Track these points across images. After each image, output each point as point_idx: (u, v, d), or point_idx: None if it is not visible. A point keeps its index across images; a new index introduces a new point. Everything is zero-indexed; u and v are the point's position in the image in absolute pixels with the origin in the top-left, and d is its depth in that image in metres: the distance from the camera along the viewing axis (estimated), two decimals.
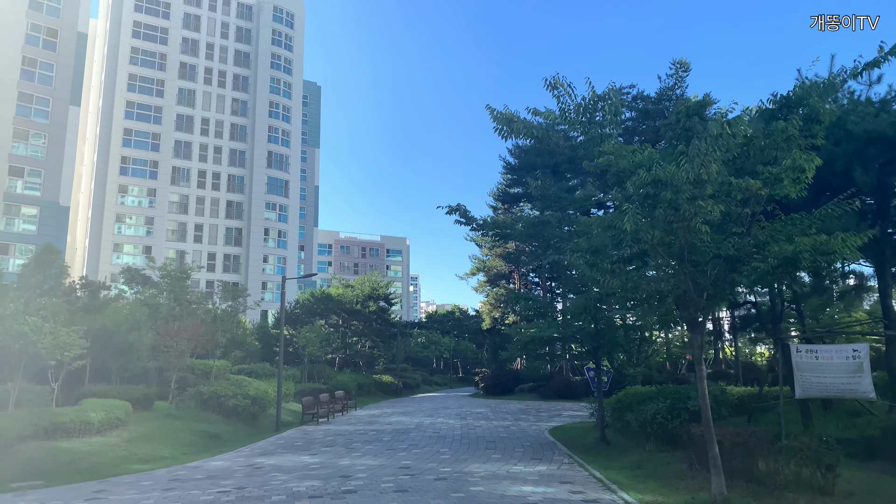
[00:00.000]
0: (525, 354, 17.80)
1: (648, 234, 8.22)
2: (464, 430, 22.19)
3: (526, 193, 50.54)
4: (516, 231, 18.25)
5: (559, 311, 17.46)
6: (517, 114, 11.13)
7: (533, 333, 15.33)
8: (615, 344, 17.63)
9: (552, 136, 11.55)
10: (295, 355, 49.29)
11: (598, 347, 17.50)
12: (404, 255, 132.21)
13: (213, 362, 29.98)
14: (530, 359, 59.18)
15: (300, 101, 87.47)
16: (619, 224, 8.54)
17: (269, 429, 24.94)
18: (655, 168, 8.22)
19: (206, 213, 75.31)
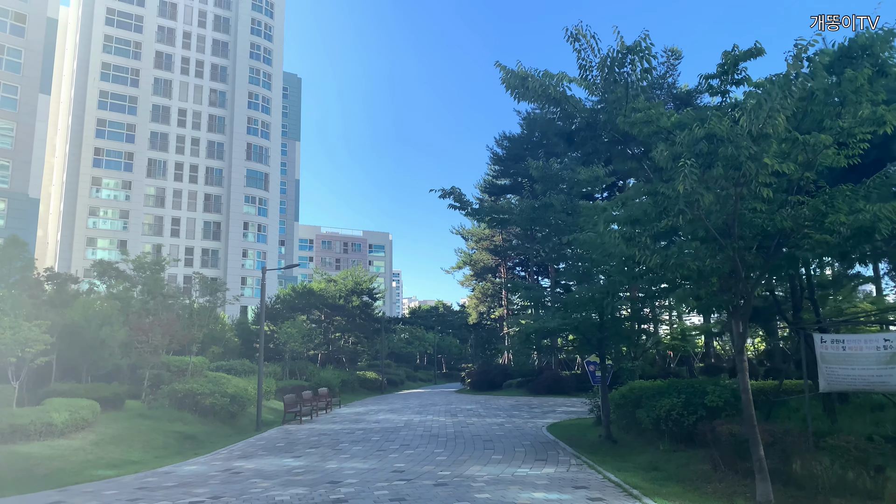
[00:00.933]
0: (529, 347, 16.43)
1: (702, 197, 7.03)
2: (457, 429, 20.96)
3: (514, 185, 49.39)
4: (514, 216, 17.01)
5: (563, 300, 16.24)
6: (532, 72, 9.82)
7: (536, 325, 14.12)
8: (621, 336, 16.51)
9: (569, 99, 10.30)
10: (276, 351, 47.75)
11: (602, 340, 16.36)
12: (387, 251, 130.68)
13: (190, 359, 28.46)
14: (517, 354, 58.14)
15: (280, 93, 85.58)
16: (664, 190, 7.35)
17: (249, 428, 23.53)
18: (711, 122, 7.05)
19: (183, 206, 73.30)
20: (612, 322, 15.82)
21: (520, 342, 15.88)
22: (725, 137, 6.89)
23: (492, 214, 17.21)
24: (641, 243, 8.07)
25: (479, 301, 60.06)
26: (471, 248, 59.76)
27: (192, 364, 29.69)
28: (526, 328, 14.31)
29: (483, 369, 49.48)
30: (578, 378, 41.98)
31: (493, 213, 17.13)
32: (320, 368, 47.79)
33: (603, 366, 16.94)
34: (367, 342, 59.92)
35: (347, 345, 57.65)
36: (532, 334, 14.67)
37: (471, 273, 59.89)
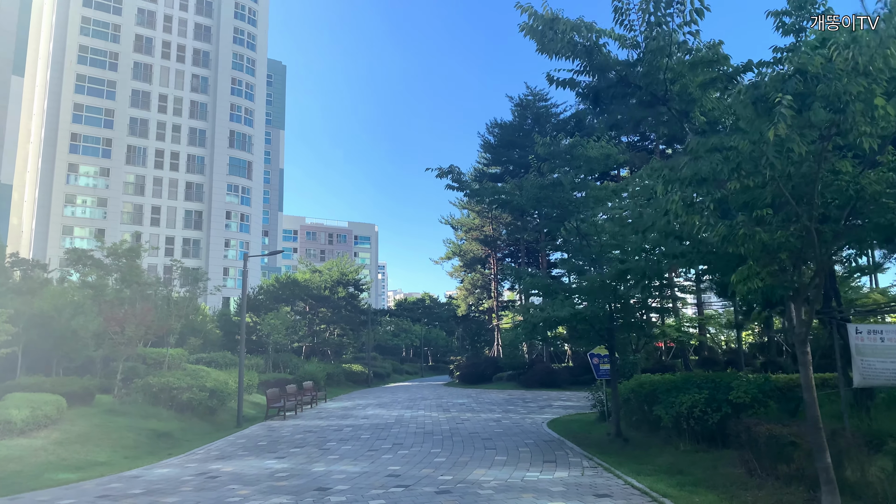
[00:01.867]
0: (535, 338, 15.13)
1: (795, 145, 5.76)
2: (451, 425, 19.69)
3: (505, 172, 48.09)
4: (517, 196, 15.70)
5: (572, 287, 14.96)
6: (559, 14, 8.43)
7: (544, 314, 12.84)
8: (633, 326, 15.28)
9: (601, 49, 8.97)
10: (259, 344, 46.26)
11: (612, 330, 15.12)
12: (373, 242, 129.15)
13: (167, 351, 26.92)
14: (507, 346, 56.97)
15: (264, 79, 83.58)
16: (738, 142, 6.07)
17: (230, 425, 22.11)
18: (801, 56, 5.80)
19: (163, 194, 71.29)
20: (624, 310, 14.57)
21: (525, 333, 14.57)
22: (821, 74, 5.65)
23: (493, 195, 15.88)
24: (705, 209, 6.79)
25: (468, 292, 58.80)
26: (460, 238, 58.44)
27: (170, 356, 28.18)
28: (532, 318, 13.03)
29: (472, 362, 48.29)
30: (571, 371, 40.93)
31: (494, 193, 15.80)
32: (305, 361, 46.38)
33: (612, 358, 15.70)
34: (352, 334, 58.54)
35: (333, 337, 56.24)
36: (539, 324, 13.40)
37: (460, 264, 58.58)
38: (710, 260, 9.14)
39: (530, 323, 13.49)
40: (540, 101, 46.48)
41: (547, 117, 45.83)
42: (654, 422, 15.31)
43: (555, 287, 14.96)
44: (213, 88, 75.70)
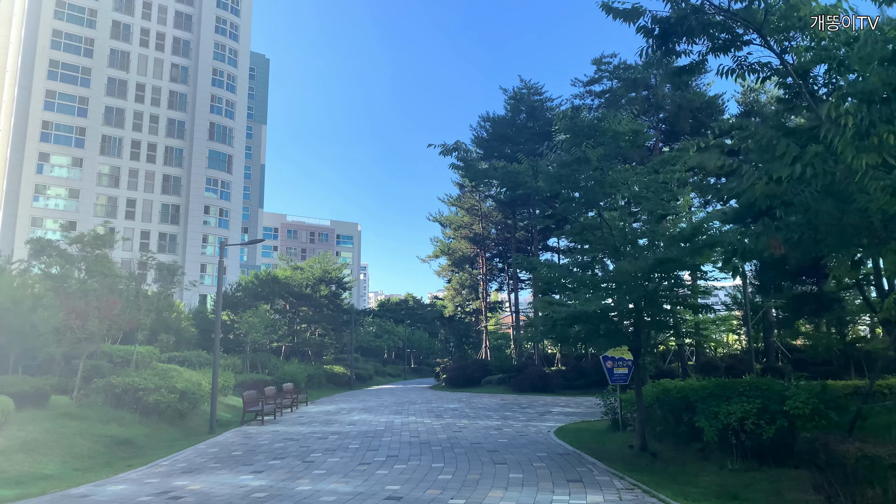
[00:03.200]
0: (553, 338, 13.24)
1: None
2: (448, 434, 17.80)
3: None
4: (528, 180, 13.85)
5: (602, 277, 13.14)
6: None
7: (568, 309, 10.99)
8: (660, 325, 13.51)
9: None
10: (236, 343, 44.03)
11: (638, 329, 13.35)
12: (355, 242, 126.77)
13: (135, 348, 24.71)
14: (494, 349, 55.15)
15: (247, 71, 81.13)
16: None
17: (202, 430, 20.01)
18: None
19: (139, 187, 68.54)
20: (653, 306, 12.77)
21: (543, 332, 12.70)
22: None
23: (505, 176, 14.02)
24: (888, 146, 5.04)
25: (455, 292, 56.93)
26: (448, 236, 56.56)
27: (139, 354, 26.00)
28: (555, 313, 11.19)
29: (460, 364, 46.41)
30: (564, 375, 39.27)
31: (506, 174, 13.94)
32: (284, 362, 44.22)
33: (637, 361, 13.88)
34: (334, 334, 56.36)
35: (314, 337, 54.06)
36: (560, 322, 11.56)
37: (448, 262, 56.70)
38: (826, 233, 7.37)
39: (551, 320, 11.67)
40: (534, 94, 44.79)
41: (542, 111, 44.13)
42: (685, 434, 13.59)
43: (577, 279, 13.14)
44: (193, 79, 73.16)
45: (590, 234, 14.11)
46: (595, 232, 13.89)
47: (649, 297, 12.19)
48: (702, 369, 36.17)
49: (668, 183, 13.95)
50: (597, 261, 13.95)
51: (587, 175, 12.62)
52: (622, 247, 13.34)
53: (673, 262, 11.56)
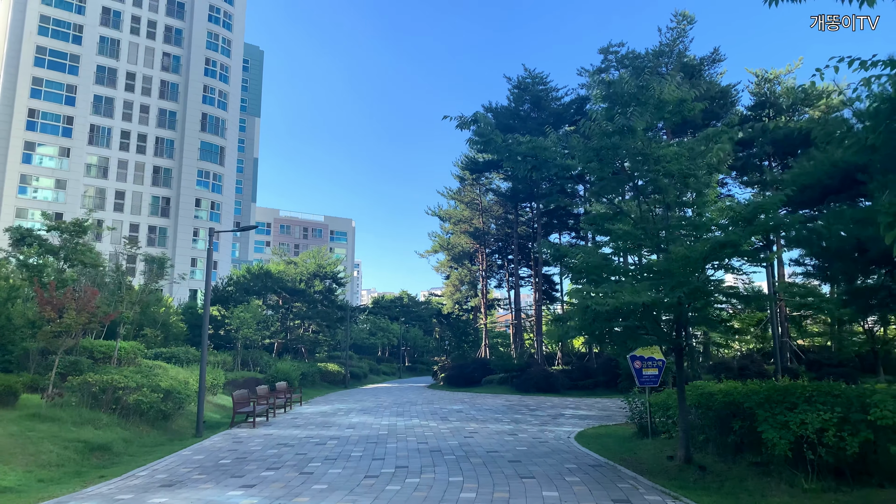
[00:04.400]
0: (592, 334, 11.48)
1: None
2: (459, 440, 16.18)
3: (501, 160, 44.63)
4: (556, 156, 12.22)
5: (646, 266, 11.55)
6: None
7: (617, 300, 9.33)
8: (708, 320, 11.90)
9: None
10: (227, 339, 42.29)
11: (681, 325, 11.77)
12: (349, 238, 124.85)
13: (117, 343, 22.96)
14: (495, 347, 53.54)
15: (240, 61, 79.18)
16: None
17: (188, 433, 18.33)
18: None
19: (129, 178, 66.57)
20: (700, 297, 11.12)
21: (578, 327, 11.03)
22: None
23: (531, 151, 12.38)
24: None
25: (454, 289, 55.31)
26: (447, 231, 54.90)
27: (122, 350, 24.26)
28: (597, 305, 9.49)
29: (459, 363, 44.78)
30: (569, 375, 37.78)
31: (533, 148, 12.29)
32: (277, 359, 42.52)
33: (680, 361, 12.26)
34: (328, 331, 54.63)
35: (308, 333, 52.33)
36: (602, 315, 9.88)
37: (447, 258, 55.04)
38: None
39: (592, 313, 10.05)
40: (539, 84, 43.12)
41: (547, 101, 42.51)
42: (733, 444, 12.01)
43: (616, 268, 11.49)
44: (185, 68, 71.23)
45: (624, 218, 12.49)
46: (630, 216, 12.27)
47: (700, 287, 10.59)
48: (713, 370, 34.68)
49: (712, 164, 12.40)
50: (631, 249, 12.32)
51: (631, 149, 11.00)
52: (666, 231, 11.74)
53: (733, 246, 9.99)
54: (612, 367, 36.57)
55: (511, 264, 53.01)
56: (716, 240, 9.58)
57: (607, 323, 10.78)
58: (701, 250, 9.73)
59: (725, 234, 9.67)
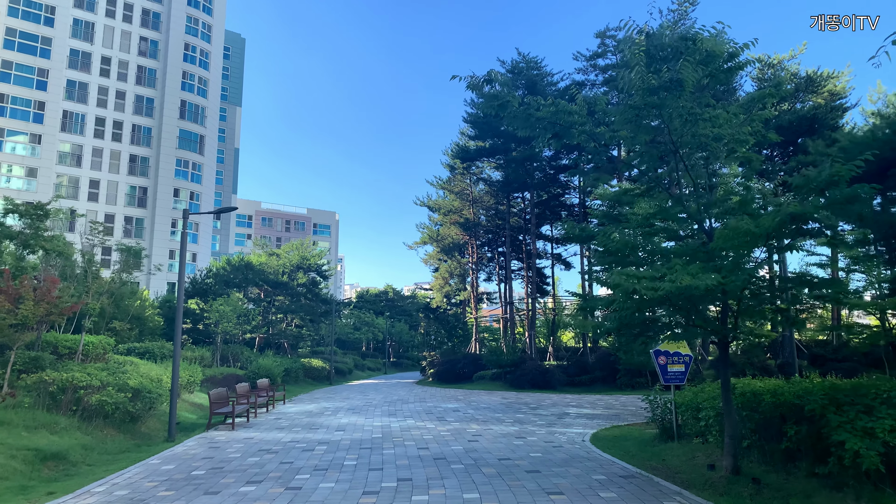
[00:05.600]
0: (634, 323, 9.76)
1: None
2: (464, 444, 14.49)
3: (493, 147, 43.01)
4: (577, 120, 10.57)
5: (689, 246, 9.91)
6: None
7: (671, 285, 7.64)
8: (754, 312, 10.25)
9: None
10: (206, 333, 40.28)
11: (726, 314, 10.15)
12: (333, 231, 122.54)
13: (82, 337, 20.96)
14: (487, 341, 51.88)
15: (221, 47, 76.73)
16: None
17: (159, 437, 16.48)
18: None
19: (104, 167, 64.02)
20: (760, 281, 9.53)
21: (615, 317, 9.32)
22: None
23: (554, 116, 10.68)
24: None
25: (443, 281, 53.59)
26: (436, 222, 53.12)
27: (90, 345, 22.24)
28: (645, 291, 7.74)
29: (449, 359, 43.12)
30: (566, 370, 36.29)
31: (556, 113, 10.62)
32: (258, 354, 40.55)
33: (724, 357, 10.65)
34: (312, 326, 52.65)
35: (290, 328, 50.34)
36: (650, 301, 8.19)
37: (436, 250, 53.28)
38: None
39: (634, 302, 8.36)
40: (533, 69, 41.47)
41: (542, 86, 40.87)
42: (785, 452, 10.45)
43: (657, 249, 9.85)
44: (163, 53, 68.72)
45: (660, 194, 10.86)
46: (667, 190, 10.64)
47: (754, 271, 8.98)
48: (713, 366, 33.41)
49: (758, 131, 10.84)
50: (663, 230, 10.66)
51: (678, 107, 9.34)
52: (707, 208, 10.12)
53: (805, 220, 8.39)
54: (609, 363, 35.17)
55: (502, 257, 51.42)
56: (787, 211, 7.97)
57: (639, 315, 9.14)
58: (768, 224, 8.12)
59: (798, 204, 8.07)
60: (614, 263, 10.37)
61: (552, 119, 11.27)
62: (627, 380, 33.38)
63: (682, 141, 9.86)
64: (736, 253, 8.78)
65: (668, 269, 8.48)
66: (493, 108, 11.82)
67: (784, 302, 9.77)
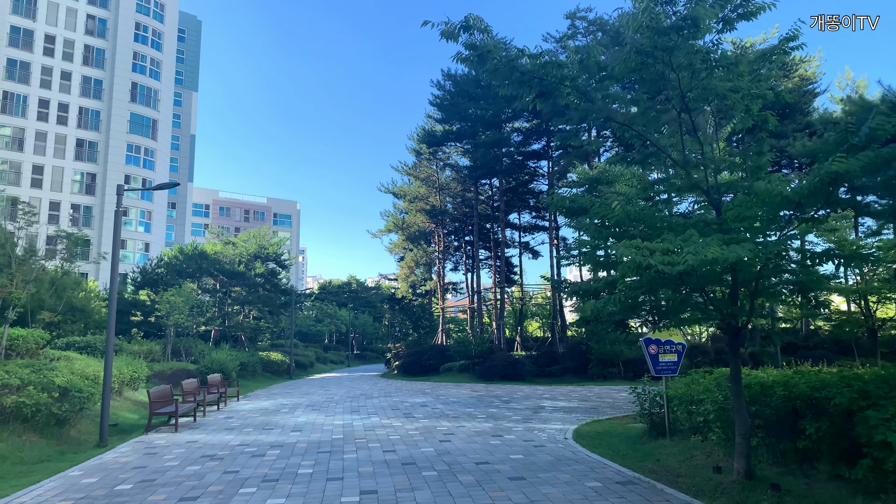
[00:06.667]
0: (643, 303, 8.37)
1: None
2: (435, 445, 12.98)
3: (461, 131, 41.45)
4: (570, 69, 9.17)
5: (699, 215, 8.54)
6: None
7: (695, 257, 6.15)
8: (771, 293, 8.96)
9: None
10: (157, 326, 37.98)
11: (736, 293, 8.81)
12: (294, 222, 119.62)
13: (4, 330, 18.78)
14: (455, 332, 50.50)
15: (175, 28, 73.54)
16: None
17: (89, 443, 14.58)
18: None
19: (48, 152, 60.68)
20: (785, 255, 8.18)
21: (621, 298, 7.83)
22: None
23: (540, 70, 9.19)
24: None
25: (409, 271, 51.94)
26: (401, 209, 51.39)
27: (20, 339, 20.06)
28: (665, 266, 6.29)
29: (415, 350, 41.59)
30: (535, 361, 35.10)
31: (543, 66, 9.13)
32: (213, 348, 38.42)
33: (734, 344, 9.31)
34: (271, 318, 50.52)
35: (248, 320, 48.15)
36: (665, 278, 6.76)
37: (401, 238, 51.56)
38: None
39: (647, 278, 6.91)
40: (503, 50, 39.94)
41: None
42: (803, 452, 9.22)
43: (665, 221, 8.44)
44: (112, 32, 65.39)
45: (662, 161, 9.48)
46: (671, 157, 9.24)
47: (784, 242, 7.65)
48: (688, 355, 32.60)
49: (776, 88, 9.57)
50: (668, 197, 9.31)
51: (693, 51, 7.93)
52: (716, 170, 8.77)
53: (847, 180, 7.07)
54: (581, 353, 34.09)
55: (469, 246, 50.01)
56: (829, 170, 6.63)
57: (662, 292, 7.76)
58: (807, 187, 6.76)
59: (839, 161, 6.74)
60: (611, 238, 8.94)
61: (539, 74, 9.79)
62: (599, 370, 32.33)
63: (692, 95, 8.46)
64: (762, 223, 7.41)
65: (683, 241, 7.06)
66: (470, 61, 10.29)
67: (809, 282, 8.45)
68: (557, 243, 43.58)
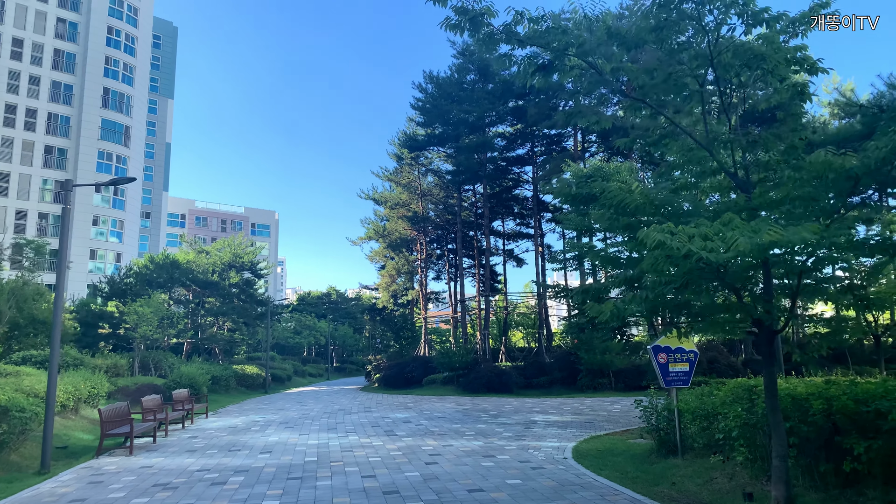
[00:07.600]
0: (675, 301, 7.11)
1: None
2: (420, 468, 11.57)
3: (443, 135, 40.19)
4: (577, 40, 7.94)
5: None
6: None
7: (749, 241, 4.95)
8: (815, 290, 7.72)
9: None
10: (125, 339, 36.11)
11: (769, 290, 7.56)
12: (272, 232, 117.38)
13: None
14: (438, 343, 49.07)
15: (149, 34, 71.76)
16: None
17: (30, 468, 12.94)
18: None
19: (15, 158, 58.41)
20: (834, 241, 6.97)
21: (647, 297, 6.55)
22: None
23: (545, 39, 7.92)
24: None
25: (390, 280, 50.40)
26: (382, 216, 49.93)
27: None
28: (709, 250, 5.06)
29: (397, 362, 40.04)
30: (523, 372, 33.75)
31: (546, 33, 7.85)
32: (184, 361, 36.60)
33: (767, 350, 8.07)
34: (246, 329, 48.66)
35: (222, 332, 46.26)
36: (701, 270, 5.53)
37: (382, 246, 50.01)
38: None
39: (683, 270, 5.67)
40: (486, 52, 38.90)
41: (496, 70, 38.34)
42: (850, 476, 7.96)
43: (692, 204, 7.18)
44: (83, 36, 63.42)
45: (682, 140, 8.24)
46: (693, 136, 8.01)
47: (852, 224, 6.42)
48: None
49: None
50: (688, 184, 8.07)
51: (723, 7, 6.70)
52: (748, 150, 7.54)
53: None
54: (569, 363, 32.80)
55: (452, 254, 48.68)
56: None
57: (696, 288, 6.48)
58: (875, 156, 5.55)
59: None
60: (628, 228, 7.65)
61: (541, 41, 8.51)
62: (589, 381, 31.05)
63: (724, 59, 7.23)
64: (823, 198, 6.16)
65: (723, 226, 5.77)
66: (461, 27, 8.99)
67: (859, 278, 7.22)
68: (543, 250, 42.41)
